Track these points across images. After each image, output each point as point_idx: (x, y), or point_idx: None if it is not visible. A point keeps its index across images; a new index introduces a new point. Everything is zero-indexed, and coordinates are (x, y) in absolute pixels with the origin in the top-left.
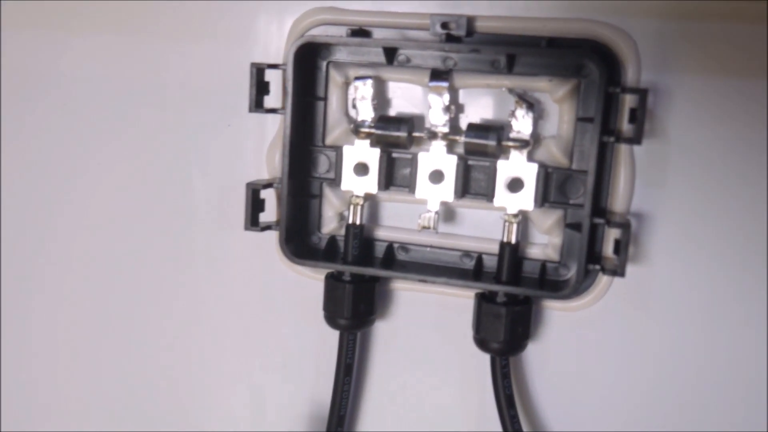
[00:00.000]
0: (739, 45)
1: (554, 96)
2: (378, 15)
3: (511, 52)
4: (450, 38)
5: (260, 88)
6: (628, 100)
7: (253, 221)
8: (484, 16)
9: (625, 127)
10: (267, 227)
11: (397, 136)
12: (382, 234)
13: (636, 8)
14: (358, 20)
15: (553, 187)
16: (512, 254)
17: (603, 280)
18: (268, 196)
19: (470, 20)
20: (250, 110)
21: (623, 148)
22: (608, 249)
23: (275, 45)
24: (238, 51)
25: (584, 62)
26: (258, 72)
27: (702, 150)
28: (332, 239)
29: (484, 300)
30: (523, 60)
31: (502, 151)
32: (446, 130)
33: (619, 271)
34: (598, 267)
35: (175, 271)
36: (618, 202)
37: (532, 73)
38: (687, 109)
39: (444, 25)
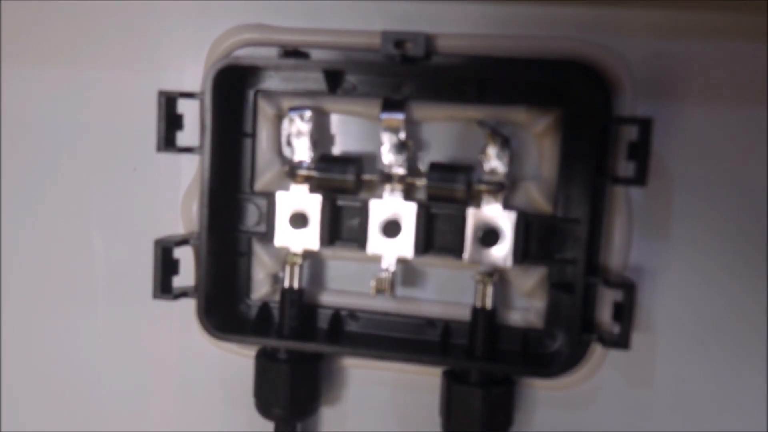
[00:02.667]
0: (746, 66)
1: (533, 129)
2: (316, 33)
3: (482, 76)
4: (406, 60)
5: (171, 122)
6: (622, 134)
7: (164, 287)
8: (447, 34)
9: (622, 165)
10: (182, 294)
11: (342, 179)
12: (327, 300)
13: (627, 23)
14: (292, 40)
15: (534, 239)
16: (487, 322)
17: (597, 351)
18: (184, 255)
19: (430, 38)
20: (159, 149)
21: (618, 192)
22: (603, 314)
23: (191, 71)
24: (144, 78)
25: (569, 88)
26: (168, 102)
27: (709, 191)
28: (264, 307)
29: (453, 380)
30: (495, 86)
31: (472, 197)
32: (403, 171)
33: (622, 342)
34: (594, 336)
35: (74, 351)
36: (614, 257)
37: (506, 102)
38: (690, 143)
39: (398, 44)
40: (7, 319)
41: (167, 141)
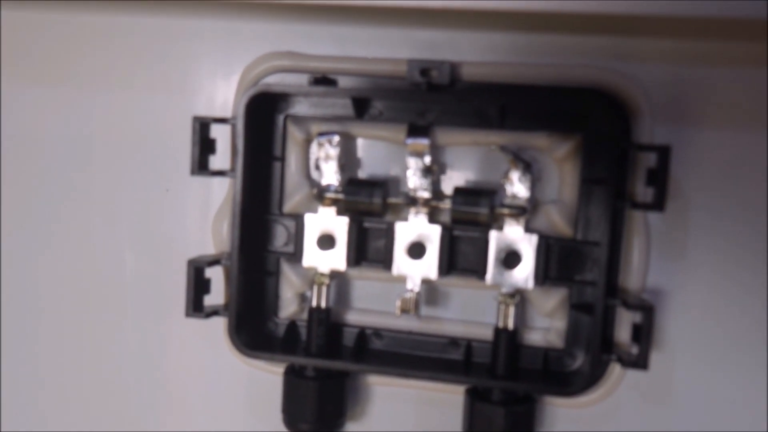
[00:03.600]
0: (761, 91)
1: (554, 154)
2: (345, 61)
3: (504, 103)
4: (431, 87)
5: (205, 146)
6: (641, 159)
7: (196, 306)
8: (471, 62)
9: (640, 190)
10: (213, 312)
11: (369, 202)
12: (353, 319)
13: (645, 52)
14: (321, 67)
15: (555, 261)
16: (509, 342)
17: (615, 370)
18: (215, 274)
19: (454, 67)
20: (193, 172)
21: (636, 215)
22: (621, 334)
23: (222, 96)
24: (177, 103)
25: (589, 114)
26: (202, 127)
27: (726, 215)
28: (292, 326)
29: (476, 398)
30: (518, 112)
31: (494, 220)
32: (428, 195)
33: (640, 362)
34: (613, 357)
35: (105, 367)
36: (632, 279)
37: (528, 128)
38: (708, 168)
39: (424, 72)
40: (39, 333)
41: (201, 164)
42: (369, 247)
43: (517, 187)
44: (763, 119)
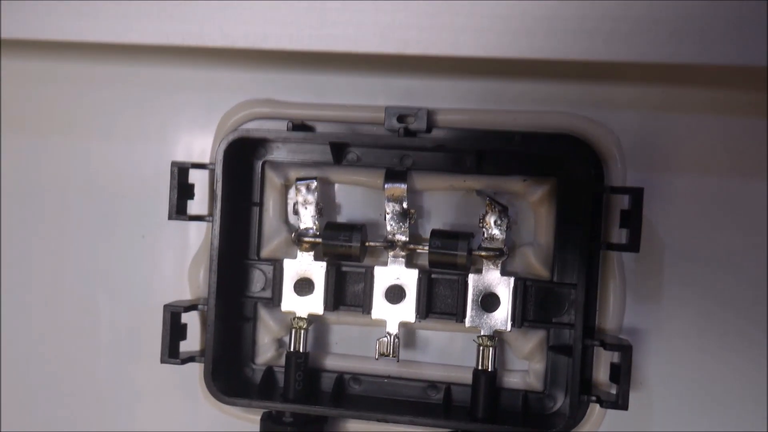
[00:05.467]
0: (735, 139)
1: (530, 198)
2: (323, 108)
3: (480, 148)
4: (408, 133)
5: (183, 191)
6: (614, 202)
7: (172, 351)
8: (447, 109)
9: (615, 232)
10: (189, 359)
11: (348, 246)
12: (331, 364)
13: (616, 98)
14: (299, 114)
15: (532, 303)
16: (489, 384)
17: (596, 411)
18: (191, 320)
19: (430, 113)
20: (170, 217)
21: (612, 257)
22: (600, 374)
23: (200, 145)
24: (155, 150)
25: (563, 159)
26: (180, 172)
27: (699, 257)
28: (269, 371)
29: None
30: (493, 157)
31: (472, 263)
32: (405, 238)
33: (620, 403)
34: (593, 398)
35: (77, 415)
36: (609, 319)
37: (504, 173)
38: (679, 212)
39: (401, 119)
40: (9, 379)
41: (178, 209)
42: (347, 291)
43: (494, 230)
44: (733, 164)
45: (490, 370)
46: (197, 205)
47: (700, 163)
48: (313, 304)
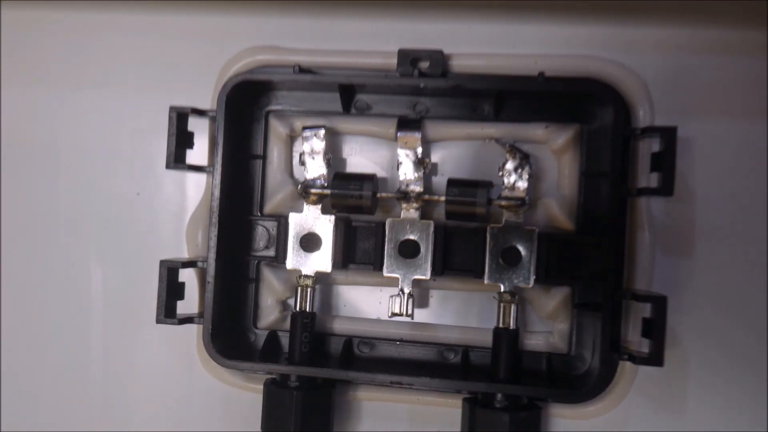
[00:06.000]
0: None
1: (553, 145)
2: (331, 54)
3: (499, 93)
4: (422, 76)
5: (182, 138)
6: (641, 151)
7: (168, 311)
8: (463, 54)
9: (642, 181)
10: (187, 320)
11: (359, 196)
12: (339, 327)
13: (644, 41)
14: (306, 61)
15: (556, 257)
16: (511, 343)
17: (624, 373)
18: (189, 279)
19: (447, 57)
20: (168, 166)
21: (640, 207)
22: (629, 333)
23: (199, 95)
24: (151, 102)
25: (588, 104)
26: (179, 118)
27: (732, 206)
28: (272, 336)
29: (477, 406)
30: (514, 103)
31: (491, 215)
32: (420, 189)
33: (654, 359)
34: (624, 356)
35: (70, 380)
36: (638, 275)
37: (524, 119)
38: (710, 159)
39: (415, 62)
40: (2, 344)
41: (177, 157)
42: (357, 248)
43: (515, 179)
44: (763, 109)
45: (512, 328)
46: (196, 157)
47: (731, 107)
48: (321, 261)
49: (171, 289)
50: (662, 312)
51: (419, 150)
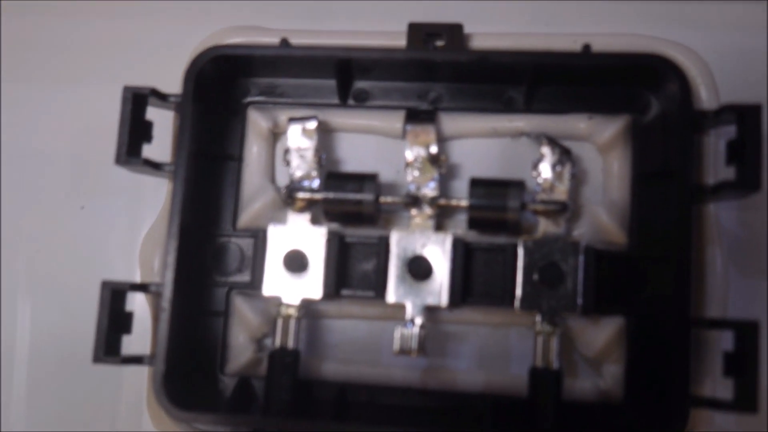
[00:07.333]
0: None
1: (598, 140)
2: (325, 35)
3: (537, 69)
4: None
5: (137, 127)
6: (707, 146)
7: (109, 347)
8: (486, 34)
9: (710, 175)
10: (134, 359)
11: (358, 200)
12: (330, 370)
13: (705, 17)
14: (295, 43)
15: (608, 279)
16: (553, 386)
17: (696, 424)
18: (139, 308)
19: (466, 36)
20: (118, 161)
21: (709, 218)
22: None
23: (168, 84)
24: (106, 92)
25: (640, 90)
26: (136, 102)
27: None
28: (244, 383)
29: None
30: (549, 90)
31: (523, 227)
32: (434, 193)
33: (744, 403)
34: (702, 403)
35: None
36: (708, 299)
37: (562, 110)
38: None
39: (429, 38)
40: None
41: (130, 150)
42: (353, 270)
43: (553, 178)
44: None
45: (554, 367)
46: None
47: None
48: (308, 286)
49: (115, 319)
50: (753, 341)
51: (433, 148)
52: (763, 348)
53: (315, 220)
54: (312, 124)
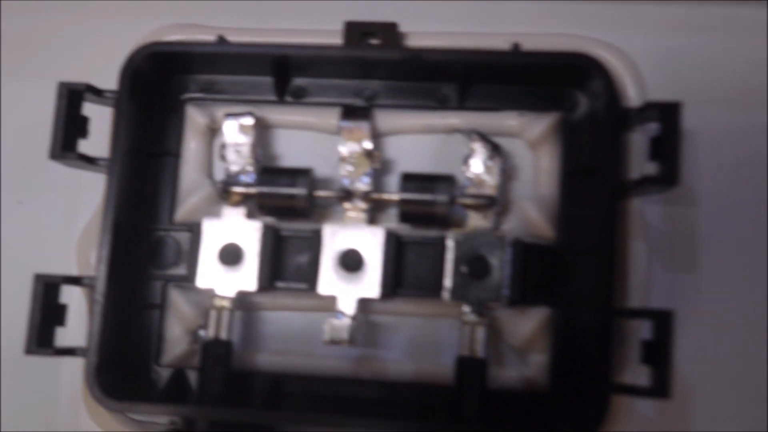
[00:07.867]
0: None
1: (528, 137)
2: (263, 33)
3: (468, 68)
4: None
5: (73, 122)
6: (633, 143)
7: (41, 339)
8: (421, 33)
9: (636, 171)
10: (67, 351)
11: (291, 195)
12: (264, 361)
13: (633, 19)
14: (233, 40)
15: (534, 270)
16: (478, 375)
17: (621, 407)
18: (74, 302)
19: (402, 35)
20: (53, 155)
21: (634, 212)
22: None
23: (106, 82)
24: (44, 86)
25: (569, 89)
26: (71, 97)
27: (737, 210)
28: (178, 374)
29: None
30: (482, 88)
31: (452, 220)
32: (367, 187)
33: (658, 389)
34: (621, 390)
35: None
36: (632, 292)
37: (494, 107)
38: (714, 155)
39: (364, 37)
40: None
41: (65, 144)
42: (288, 262)
43: (483, 172)
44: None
45: (479, 356)
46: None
47: (734, 93)
48: (243, 278)
49: (48, 312)
50: (667, 330)
51: (367, 144)
52: (682, 337)
53: (250, 215)
54: (248, 120)
